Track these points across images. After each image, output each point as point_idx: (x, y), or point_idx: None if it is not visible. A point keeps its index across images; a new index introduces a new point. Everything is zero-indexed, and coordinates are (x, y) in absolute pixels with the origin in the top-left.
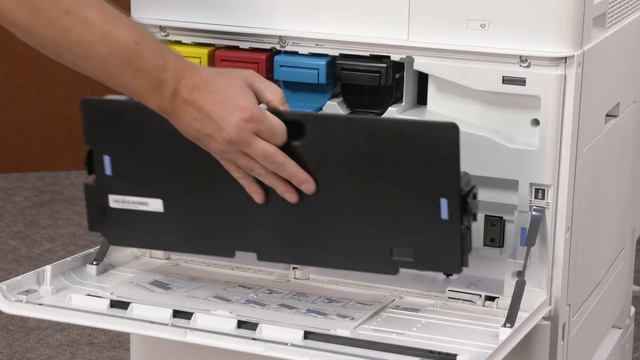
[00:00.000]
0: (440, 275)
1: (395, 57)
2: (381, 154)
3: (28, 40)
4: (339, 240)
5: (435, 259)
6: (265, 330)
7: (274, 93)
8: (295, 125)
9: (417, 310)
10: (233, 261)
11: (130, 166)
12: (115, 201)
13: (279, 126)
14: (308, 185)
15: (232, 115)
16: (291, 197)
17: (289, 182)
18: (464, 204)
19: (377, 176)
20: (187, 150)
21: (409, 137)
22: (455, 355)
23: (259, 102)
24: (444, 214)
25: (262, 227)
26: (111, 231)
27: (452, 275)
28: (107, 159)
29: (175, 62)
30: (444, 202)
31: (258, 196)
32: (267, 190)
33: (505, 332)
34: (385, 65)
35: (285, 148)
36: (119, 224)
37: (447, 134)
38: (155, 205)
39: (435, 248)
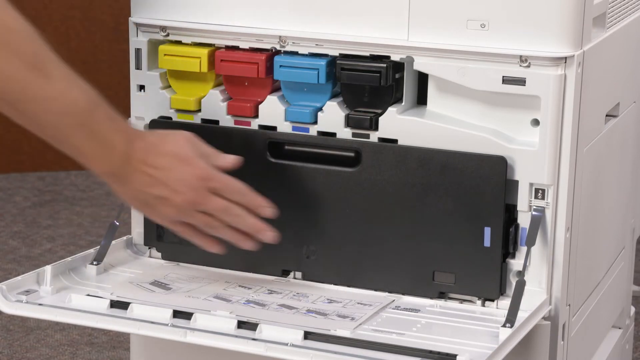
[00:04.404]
0: None
1: (395, 57)
2: (431, 182)
3: None
4: (385, 263)
5: (475, 284)
6: (265, 331)
7: (216, 155)
8: (352, 152)
9: (417, 310)
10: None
11: None
12: None
13: (234, 181)
14: (268, 234)
15: (187, 176)
16: (249, 245)
17: (244, 232)
18: (506, 233)
19: (425, 203)
20: (242, 170)
21: (458, 167)
22: (455, 356)
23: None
24: (487, 242)
25: (311, 249)
26: (165, 247)
27: (490, 300)
28: None
29: (125, 127)
30: (487, 231)
31: (217, 247)
32: (312, 212)
33: (505, 332)
34: (385, 65)
35: (342, 175)
36: (173, 240)
37: (495, 166)
38: None
39: (476, 274)
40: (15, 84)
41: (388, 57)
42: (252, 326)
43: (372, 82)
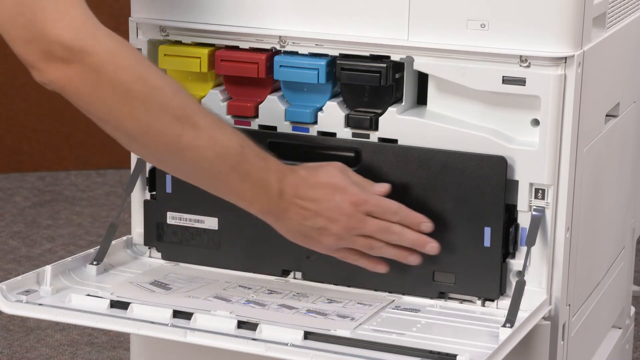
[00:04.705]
0: None
1: (395, 57)
2: (431, 182)
3: (137, 149)
4: (384, 263)
5: (475, 284)
6: (265, 331)
7: (368, 183)
8: (352, 152)
9: (417, 310)
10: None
11: (190, 185)
12: (173, 218)
13: (389, 201)
14: (432, 245)
15: (342, 203)
16: (415, 259)
17: (406, 248)
18: (506, 233)
19: (425, 203)
20: None
21: (458, 167)
22: (455, 356)
23: None
24: (487, 242)
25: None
26: (165, 247)
27: (490, 300)
28: (168, 177)
29: (275, 163)
30: (487, 231)
31: (382, 267)
32: None
33: (505, 332)
34: (385, 65)
35: None
36: (173, 240)
37: (495, 166)
38: (210, 223)
39: (476, 274)
40: (167, 137)
41: (388, 57)
42: (252, 326)
43: (372, 82)
